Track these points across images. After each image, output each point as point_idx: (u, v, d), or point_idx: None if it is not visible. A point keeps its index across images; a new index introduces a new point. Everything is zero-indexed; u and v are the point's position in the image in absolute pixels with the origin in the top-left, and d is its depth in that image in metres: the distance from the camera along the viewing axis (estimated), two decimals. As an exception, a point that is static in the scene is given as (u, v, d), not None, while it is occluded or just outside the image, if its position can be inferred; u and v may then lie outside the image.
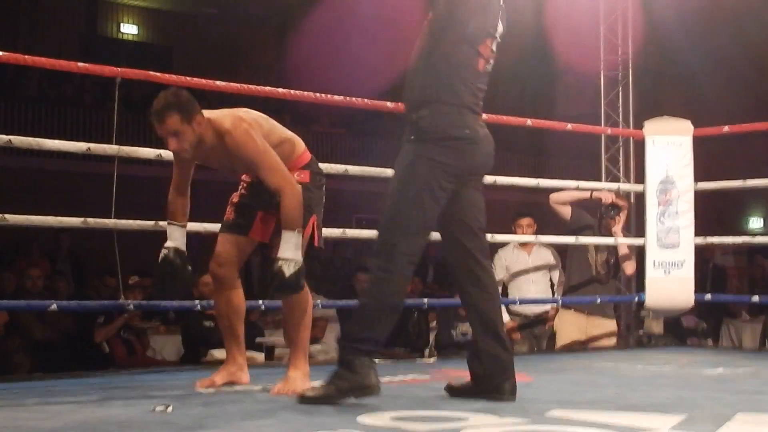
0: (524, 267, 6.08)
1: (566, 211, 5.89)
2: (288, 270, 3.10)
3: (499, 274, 5.82)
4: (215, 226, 3.64)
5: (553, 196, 5.95)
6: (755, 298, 6.96)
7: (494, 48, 3.16)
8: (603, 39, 7.09)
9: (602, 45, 7.09)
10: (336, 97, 5.07)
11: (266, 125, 3.39)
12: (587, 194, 6.02)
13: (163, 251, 3.35)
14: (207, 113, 3.30)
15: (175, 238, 3.40)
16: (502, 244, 6.02)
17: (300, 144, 3.46)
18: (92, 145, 4.24)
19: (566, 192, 6.01)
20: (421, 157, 3.09)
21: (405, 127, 3.23)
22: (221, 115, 3.33)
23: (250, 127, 3.24)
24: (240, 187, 3.51)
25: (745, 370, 4.63)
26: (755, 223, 10.12)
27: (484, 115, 3.31)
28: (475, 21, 3.09)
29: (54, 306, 4.36)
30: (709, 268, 9.03)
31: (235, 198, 3.48)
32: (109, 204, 3.87)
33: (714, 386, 4.00)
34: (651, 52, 8.05)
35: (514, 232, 6.00)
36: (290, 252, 3.10)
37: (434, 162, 3.09)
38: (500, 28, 3.16)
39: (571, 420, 2.85)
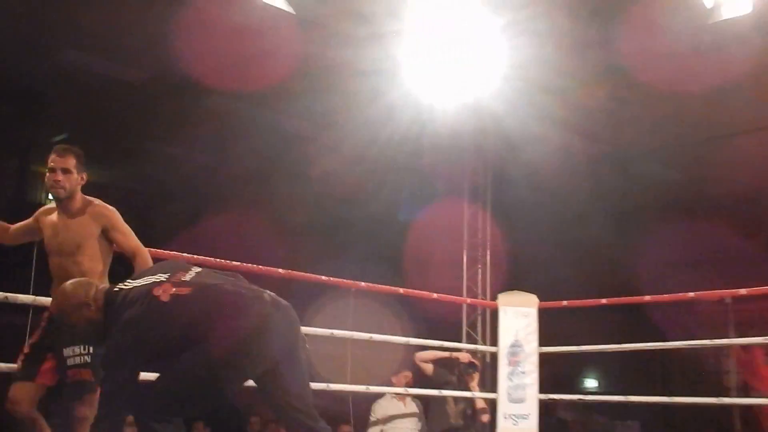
0: (401, 414, 6.16)
1: (429, 368, 6.13)
2: None
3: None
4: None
5: (418, 355, 6.18)
6: None
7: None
8: (467, 226, 7.53)
9: (465, 230, 7.55)
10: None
11: None
12: (448, 354, 6.21)
13: None
14: None
15: None
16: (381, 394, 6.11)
17: None
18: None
19: (430, 351, 6.20)
20: None
21: None
22: None
23: None
24: (38, 327, 3.39)
25: None
26: (591, 383, 10.68)
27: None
28: None
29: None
30: (552, 420, 9.36)
31: (26, 348, 3.35)
32: None
33: None
34: (508, 236, 8.39)
35: (392, 384, 6.08)
36: None
37: None
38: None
39: None
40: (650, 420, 9.56)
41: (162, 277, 2.64)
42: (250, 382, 2.69)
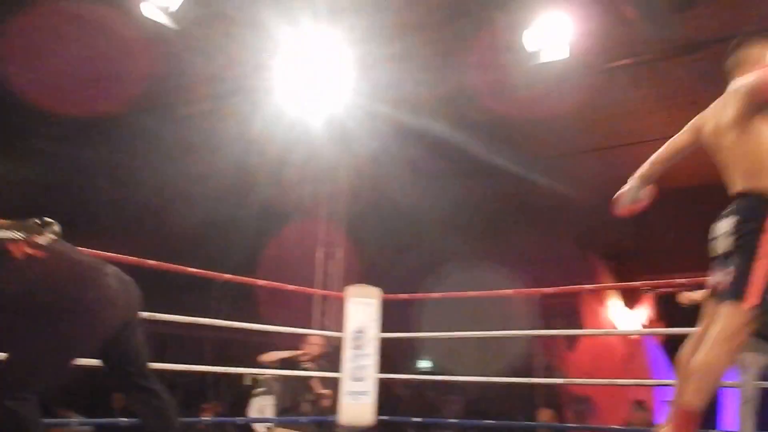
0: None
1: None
2: None
3: None
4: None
5: (263, 358, 6.53)
6: (418, 419, 8.01)
7: None
8: (324, 227, 7.96)
9: (321, 232, 7.97)
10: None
11: None
12: (290, 354, 6.56)
13: None
14: None
15: None
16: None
17: None
18: None
19: (273, 353, 6.56)
20: None
21: None
22: None
23: None
24: None
25: None
26: (424, 363, 11.39)
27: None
28: None
29: None
30: (390, 396, 9.93)
31: None
32: None
33: None
34: (359, 238, 8.77)
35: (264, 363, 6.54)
36: None
37: None
38: None
39: None
40: (473, 392, 10.31)
41: (18, 234, 2.53)
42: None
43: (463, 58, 6.95)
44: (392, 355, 8.62)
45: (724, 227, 2.78)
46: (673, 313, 9.10)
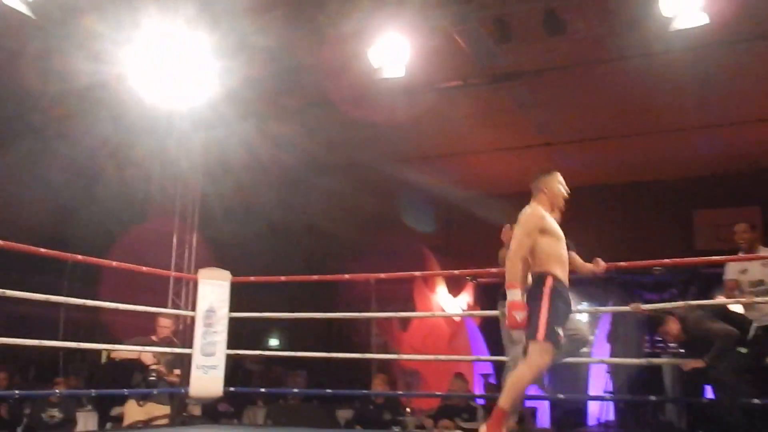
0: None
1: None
2: None
3: None
4: None
5: (114, 355, 6.64)
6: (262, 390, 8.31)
7: None
8: (178, 214, 7.87)
9: (176, 218, 7.87)
10: None
11: None
12: (137, 356, 6.46)
13: None
14: None
15: None
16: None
17: None
18: None
19: (123, 350, 6.58)
20: None
21: None
22: None
23: None
24: None
25: None
26: (274, 342, 11.73)
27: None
28: None
29: None
30: (240, 371, 9.96)
31: None
32: None
33: None
34: (215, 225, 8.86)
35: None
36: None
37: None
38: None
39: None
40: (316, 369, 10.61)
41: None
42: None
43: (317, 63, 7.10)
44: (244, 334, 8.92)
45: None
46: (488, 299, 9.96)
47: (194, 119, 7.54)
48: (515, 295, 3.74)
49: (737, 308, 5.66)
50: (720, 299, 5.77)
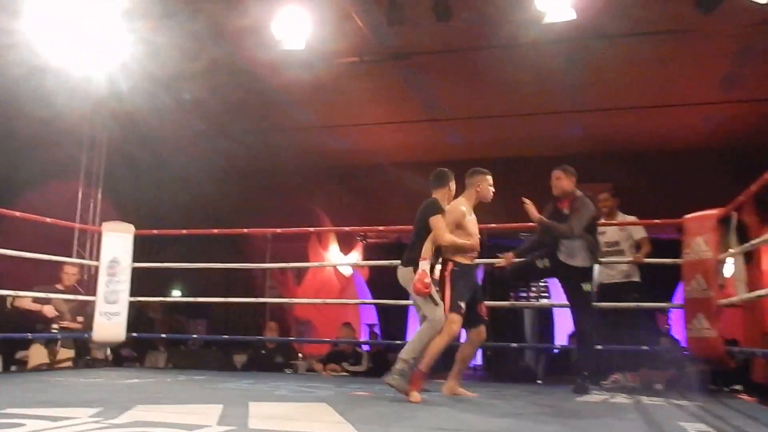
0: None
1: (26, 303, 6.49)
2: None
3: None
4: None
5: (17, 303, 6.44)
6: (163, 336, 8.27)
7: None
8: (83, 169, 7.88)
9: (82, 173, 7.81)
10: None
11: None
12: (39, 307, 6.43)
13: None
14: None
15: None
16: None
17: None
18: None
19: (26, 300, 6.44)
20: None
21: None
22: None
23: None
24: None
25: (149, 381, 5.20)
26: (177, 292, 11.62)
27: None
28: None
29: None
30: (144, 318, 9.92)
31: None
32: None
33: (125, 389, 4.39)
34: (121, 179, 8.82)
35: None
36: None
37: None
38: None
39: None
40: (215, 318, 10.91)
41: None
42: None
43: (224, 30, 7.09)
44: (149, 284, 8.89)
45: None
46: (375, 257, 10.30)
47: (102, 81, 7.39)
48: (425, 265, 4.23)
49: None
50: None
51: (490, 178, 4.72)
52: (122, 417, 2.92)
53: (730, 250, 5.38)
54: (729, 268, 5.77)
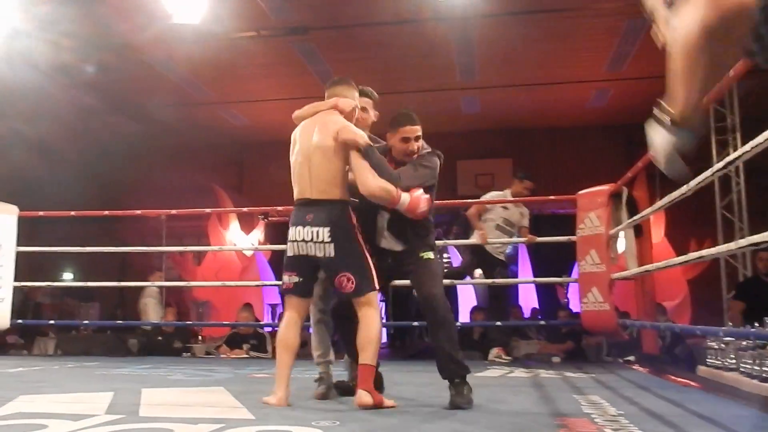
0: None
1: None
2: None
3: None
4: None
5: None
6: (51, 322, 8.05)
7: None
8: None
9: None
10: None
11: None
12: None
13: None
14: None
15: None
16: None
17: None
18: None
19: None
20: None
21: None
22: None
23: None
24: None
25: (35, 369, 5.02)
26: (68, 275, 11.28)
27: None
28: None
29: None
30: (31, 303, 9.54)
31: None
32: None
33: (8, 378, 4.27)
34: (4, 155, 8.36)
35: None
36: None
37: None
38: None
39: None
40: (108, 301, 10.64)
41: None
42: None
43: (115, 7, 6.91)
44: (36, 267, 8.50)
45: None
46: (277, 235, 10.24)
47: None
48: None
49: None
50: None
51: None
52: (2, 408, 2.79)
53: (621, 225, 5.61)
54: (621, 243, 6.06)
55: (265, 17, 7.21)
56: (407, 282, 3.37)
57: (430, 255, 3.32)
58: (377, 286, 3.17)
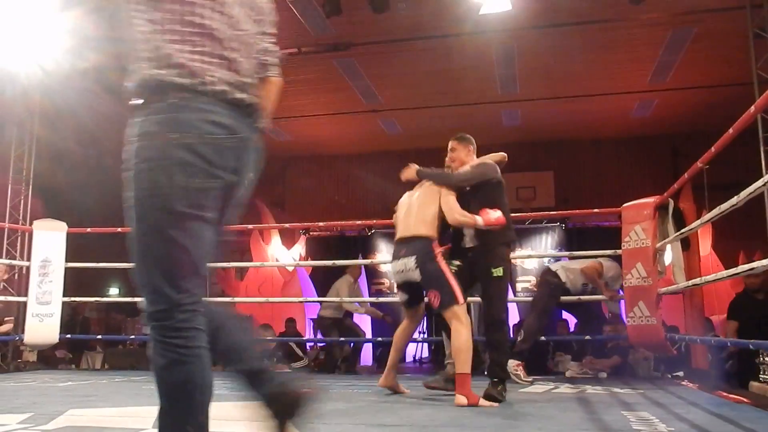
0: None
1: None
2: None
3: None
4: None
5: None
6: (98, 337, 8.14)
7: None
8: (13, 164, 7.62)
9: (11, 168, 7.58)
10: None
11: None
12: None
13: None
14: None
15: None
16: None
17: None
18: None
19: None
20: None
21: None
22: None
23: None
24: None
25: (84, 383, 5.04)
26: (114, 290, 11.41)
27: None
28: None
29: None
30: (80, 318, 9.56)
31: None
32: None
33: (57, 393, 4.27)
34: (52, 177, 8.47)
35: None
36: None
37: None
38: None
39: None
40: None
41: None
42: None
43: None
44: (84, 282, 8.64)
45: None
46: (318, 250, 10.31)
47: (31, 76, 7.09)
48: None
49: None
50: None
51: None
52: (54, 422, 2.81)
53: (668, 238, 5.49)
54: (668, 256, 5.91)
55: (306, 34, 7.30)
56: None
57: (500, 273, 3.97)
58: (461, 300, 3.83)
